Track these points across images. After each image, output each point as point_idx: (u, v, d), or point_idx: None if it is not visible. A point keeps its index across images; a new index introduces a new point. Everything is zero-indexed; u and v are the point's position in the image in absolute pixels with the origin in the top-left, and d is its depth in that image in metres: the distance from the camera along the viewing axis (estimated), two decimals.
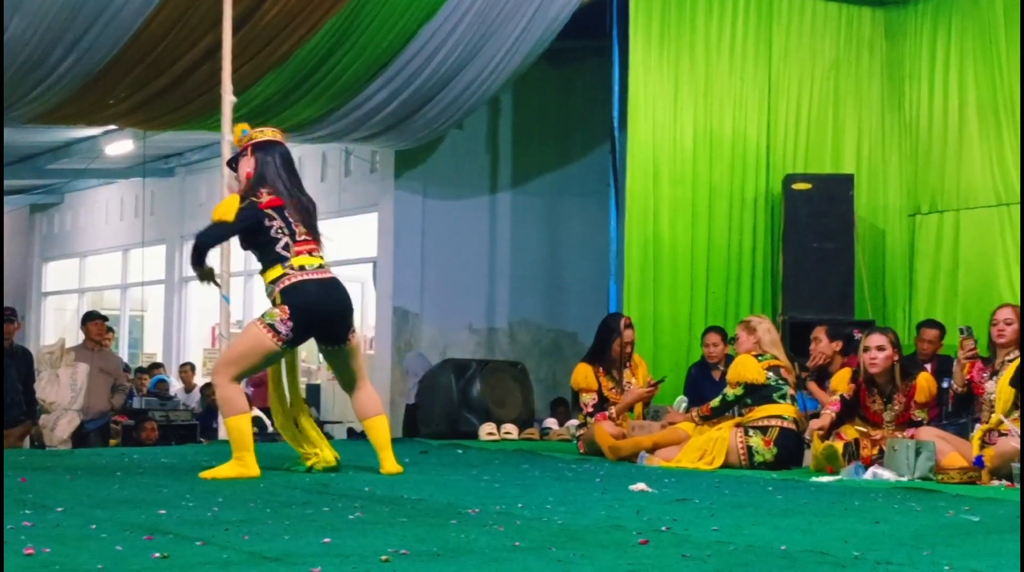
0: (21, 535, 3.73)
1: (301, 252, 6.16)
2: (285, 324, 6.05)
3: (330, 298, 6.16)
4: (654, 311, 10.17)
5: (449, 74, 10.44)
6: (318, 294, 6.11)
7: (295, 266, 6.13)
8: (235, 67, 8.88)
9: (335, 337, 6.28)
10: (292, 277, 6.11)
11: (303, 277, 6.11)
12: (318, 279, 6.14)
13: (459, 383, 9.63)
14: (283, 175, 6.33)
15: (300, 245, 6.17)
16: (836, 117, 10.96)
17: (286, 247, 6.14)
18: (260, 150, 6.36)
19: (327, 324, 6.22)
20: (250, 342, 6.15)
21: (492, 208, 12.55)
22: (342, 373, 6.44)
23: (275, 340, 6.07)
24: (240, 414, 6.08)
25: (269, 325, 6.08)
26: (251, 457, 6.03)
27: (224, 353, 6.55)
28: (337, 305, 6.19)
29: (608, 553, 3.62)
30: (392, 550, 3.54)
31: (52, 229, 19.37)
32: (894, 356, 7.13)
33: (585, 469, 6.91)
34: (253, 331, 6.17)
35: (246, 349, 6.16)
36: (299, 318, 6.06)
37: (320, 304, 6.12)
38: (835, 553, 3.67)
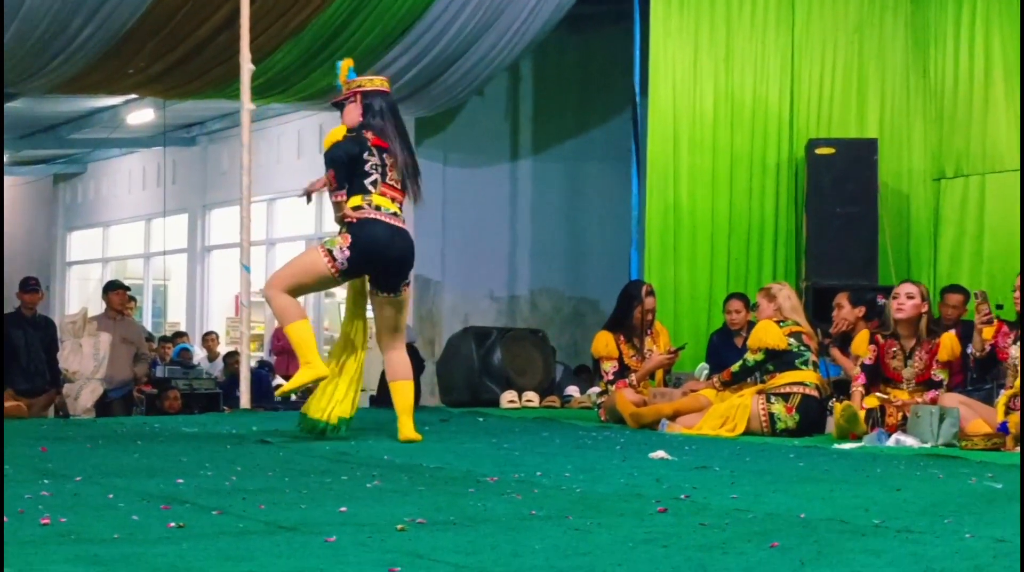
0: (39, 504, 3.74)
1: (385, 194, 6.22)
2: (343, 252, 6.11)
3: (392, 244, 6.19)
4: (675, 278, 10.12)
5: (468, 40, 10.38)
6: (382, 235, 6.16)
7: (373, 203, 6.18)
8: (253, 36, 8.85)
9: (389, 284, 6.31)
10: (365, 212, 6.16)
11: (375, 216, 6.17)
12: (388, 223, 6.19)
13: (480, 351, 9.61)
14: (389, 125, 6.39)
15: (387, 187, 6.23)
16: (860, 81, 10.84)
17: (374, 183, 6.20)
18: (368, 98, 6.39)
19: (384, 268, 6.25)
20: (307, 261, 6.25)
21: (513, 175, 12.51)
22: (385, 325, 6.42)
23: (330, 265, 6.13)
24: (298, 320, 6.15)
25: (328, 250, 6.15)
26: (317, 358, 6.11)
27: (280, 268, 6.56)
28: (397, 252, 6.23)
29: (626, 521, 3.61)
30: (408, 519, 3.53)
31: (76, 199, 19.41)
32: (922, 307, 7.13)
33: (605, 437, 6.89)
34: (312, 253, 6.27)
35: (301, 267, 6.26)
36: (358, 251, 6.12)
37: (381, 246, 6.16)
38: (855, 521, 3.65)
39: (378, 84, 6.52)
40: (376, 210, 6.19)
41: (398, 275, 6.30)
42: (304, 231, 14.55)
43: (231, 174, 13.98)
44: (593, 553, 3.08)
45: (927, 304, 7.23)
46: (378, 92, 6.46)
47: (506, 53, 10.75)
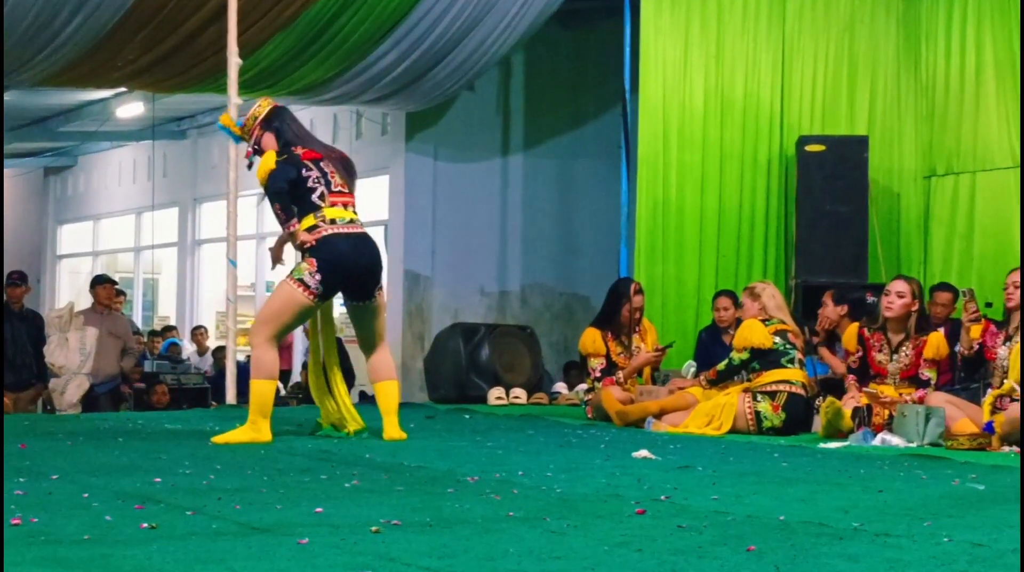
0: (12, 504, 3.70)
1: (336, 203, 6.17)
2: (314, 277, 6.05)
3: (358, 253, 6.14)
4: (663, 275, 10.09)
5: (459, 35, 10.34)
6: (346, 249, 6.10)
7: (327, 218, 6.12)
8: (241, 29, 8.82)
9: (363, 293, 6.26)
10: (322, 230, 6.10)
11: (333, 230, 6.11)
12: (347, 234, 6.14)
13: (467, 347, 9.60)
14: (304, 133, 6.41)
15: (335, 196, 6.18)
16: (851, 78, 10.81)
17: (321, 197, 6.14)
18: (268, 122, 6.33)
19: (355, 279, 6.20)
20: (282, 299, 6.16)
21: (504, 171, 12.47)
22: (364, 331, 6.40)
23: (306, 294, 6.08)
24: (266, 379, 6.07)
25: (299, 280, 6.09)
26: (266, 424, 6.03)
27: (259, 313, 6.54)
28: (365, 261, 6.18)
29: (603, 523, 3.58)
30: (384, 520, 3.50)
31: (66, 192, 19.35)
32: (912, 305, 7.16)
33: (591, 435, 6.87)
34: (284, 288, 6.17)
35: (279, 306, 6.17)
36: (326, 271, 6.06)
37: (347, 259, 6.10)
38: (834, 524, 3.62)
39: (265, 106, 6.39)
40: (331, 224, 6.12)
41: (370, 281, 6.25)
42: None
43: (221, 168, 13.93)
44: (567, 556, 3.05)
45: (918, 301, 7.23)
46: (273, 111, 6.36)
47: (497, 47, 10.70)
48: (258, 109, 6.39)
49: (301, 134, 6.41)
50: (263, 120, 6.33)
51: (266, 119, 6.33)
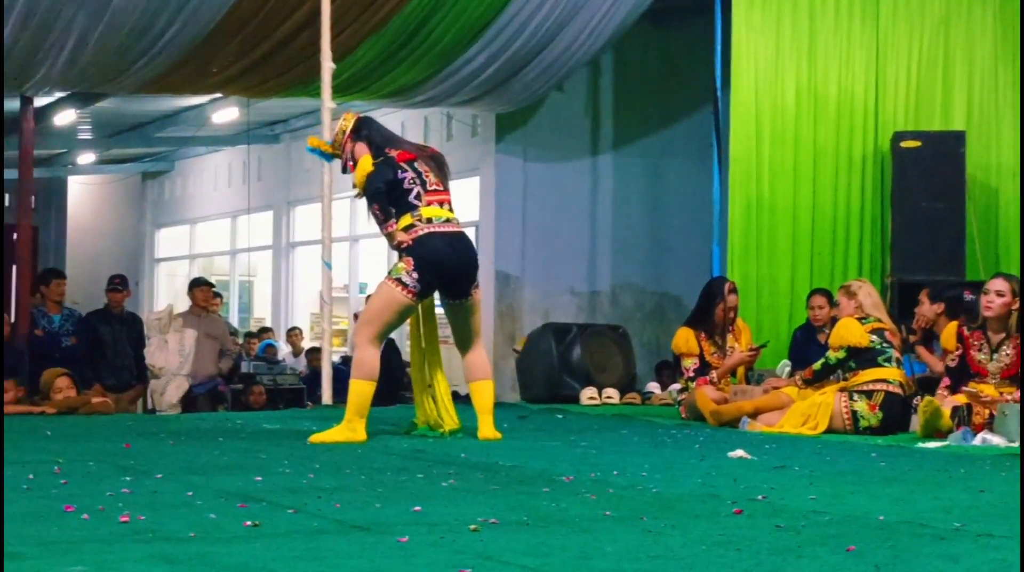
0: (119, 502, 3.79)
1: (432, 202, 6.24)
2: (411, 275, 6.13)
3: (455, 252, 6.21)
4: (757, 273, 10.02)
5: (548, 36, 10.36)
6: (442, 248, 6.17)
7: (423, 218, 6.20)
8: (334, 34, 8.92)
9: (459, 291, 6.32)
10: (419, 229, 6.17)
11: (429, 230, 6.18)
12: (443, 233, 6.21)
13: (559, 347, 9.59)
14: (393, 136, 6.56)
15: (431, 195, 6.25)
16: (946, 73, 10.65)
17: (417, 197, 6.22)
18: (356, 132, 6.43)
19: (451, 277, 6.27)
20: (383, 299, 6.25)
21: (593, 170, 12.46)
22: (460, 330, 6.46)
23: (405, 293, 6.15)
24: (366, 380, 6.14)
25: (396, 279, 6.17)
26: (361, 424, 6.10)
27: (362, 314, 6.64)
28: (461, 260, 6.25)
29: (700, 523, 3.57)
30: (481, 519, 3.53)
31: (163, 196, 19.71)
32: (1012, 304, 7.03)
33: (685, 435, 6.85)
34: (384, 289, 6.26)
35: (380, 307, 6.27)
36: (423, 270, 6.14)
37: (444, 258, 6.18)
38: (935, 524, 3.58)
39: (351, 119, 6.50)
40: (428, 223, 6.20)
41: (466, 280, 6.31)
42: None
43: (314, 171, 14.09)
44: (665, 556, 3.05)
45: (1019, 299, 7.10)
46: (359, 122, 6.47)
47: (586, 48, 10.71)
48: (344, 123, 6.50)
49: (391, 138, 6.54)
50: (351, 132, 6.44)
51: (354, 131, 6.44)
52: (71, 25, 9.11)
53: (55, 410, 8.31)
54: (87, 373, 9.76)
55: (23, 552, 2.97)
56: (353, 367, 6.29)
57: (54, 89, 10.88)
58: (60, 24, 9.07)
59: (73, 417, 8.02)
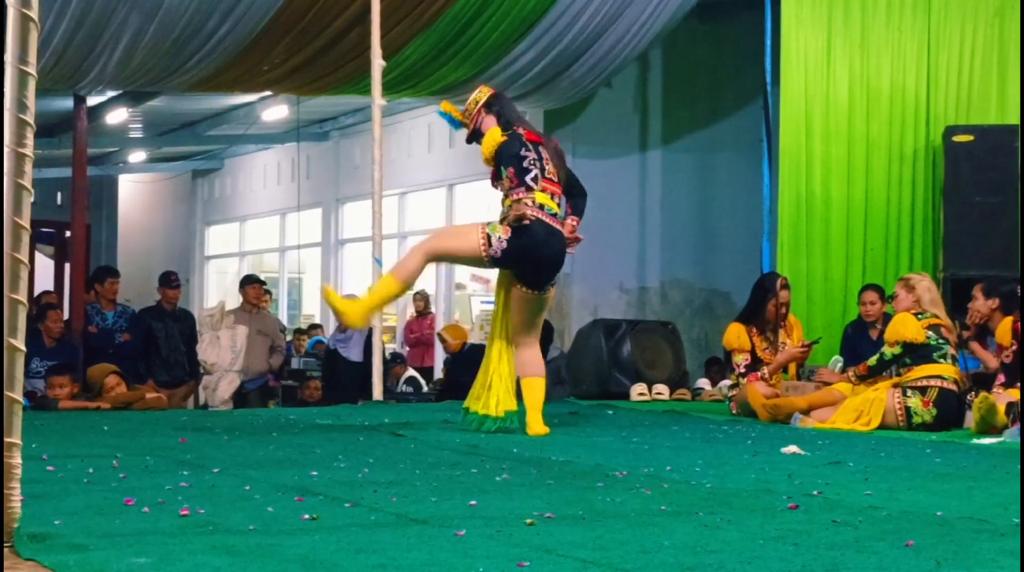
0: (179, 495, 3.84)
1: (546, 190, 6.26)
2: (500, 242, 6.15)
3: (549, 245, 6.22)
4: (808, 269, 9.97)
5: (596, 32, 10.37)
6: (540, 234, 6.18)
7: (536, 202, 6.21)
8: (384, 31, 8.96)
9: (537, 282, 6.34)
10: (530, 209, 6.18)
11: (537, 214, 6.18)
12: (546, 223, 6.21)
13: (609, 343, 9.57)
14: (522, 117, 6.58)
15: (547, 183, 6.27)
16: (1000, 66, 10.53)
17: (535, 179, 6.23)
18: (489, 106, 6.48)
19: (535, 266, 6.28)
20: (464, 234, 6.30)
21: (642, 166, 12.44)
22: (523, 321, 6.44)
23: (484, 249, 6.17)
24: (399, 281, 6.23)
25: (487, 234, 6.18)
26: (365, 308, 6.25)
27: (439, 231, 6.66)
28: (551, 252, 6.25)
29: (756, 518, 3.57)
30: (537, 513, 3.54)
31: (213, 194, 19.87)
32: None
33: (737, 431, 6.83)
34: (472, 229, 6.27)
35: (457, 236, 6.38)
36: (514, 246, 6.15)
37: (538, 246, 6.19)
38: (994, 520, 3.56)
39: (486, 92, 6.56)
40: (540, 209, 6.20)
41: (548, 274, 6.33)
42: (436, 224, 14.69)
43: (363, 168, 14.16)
44: (722, 550, 3.05)
45: None
46: (493, 96, 6.52)
47: (635, 44, 10.70)
48: (479, 94, 6.55)
49: (520, 117, 6.60)
50: (484, 105, 6.48)
51: (487, 103, 6.49)
52: (124, 25, 9.21)
53: (110, 406, 8.40)
54: (140, 369, 9.86)
55: (87, 544, 3.02)
56: (396, 264, 6.43)
57: (107, 88, 11.00)
58: (113, 24, 9.18)
59: (128, 412, 8.10)
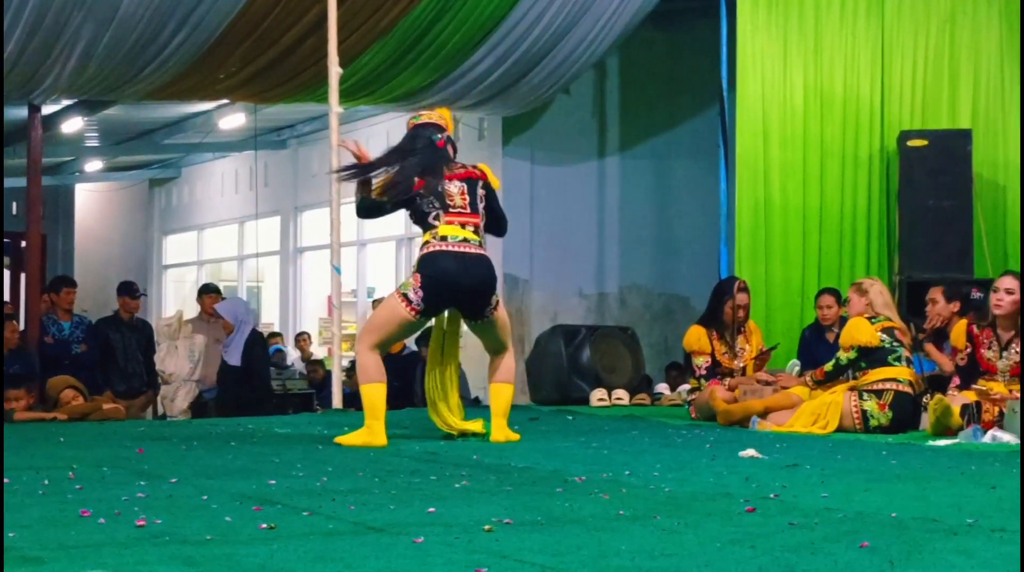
0: (135, 506, 3.81)
1: (452, 222, 6.20)
2: (417, 293, 6.12)
3: (465, 273, 6.14)
4: (766, 273, 10.04)
5: (554, 39, 10.39)
6: (452, 267, 6.12)
7: (439, 235, 6.18)
8: (341, 39, 8.96)
9: (470, 312, 6.31)
10: (432, 246, 6.17)
11: (441, 248, 6.14)
12: (455, 252, 6.15)
13: (569, 349, 9.61)
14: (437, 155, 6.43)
15: (452, 216, 6.20)
16: (952, 71, 10.66)
17: (436, 217, 6.21)
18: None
19: (460, 298, 6.23)
20: (386, 311, 6.27)
21: (601, 172, 12.48)
22: (486, 345, 6.52)
23: (408, 309, 6.14)
24: (373, 383, 6.15)
25: (403, 294, 6.16)
26: (380, 426, 6.10)
27: (366, 321, 6.65)
28: (471, 281, 6.17)
29: (713, 522, 3.59)
30: (496, 519, 3.54)
31: (170, 203, 19.75)
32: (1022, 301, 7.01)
33: (695, 435, 6.86)
34: (390, 301, 6.29)
35: (383, 318, 6.28)
36: (430, 288, 6.11)
37: (451, 278, 6.12)
38: (948, 520, 3.59)
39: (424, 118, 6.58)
40: (442, 241, 6.16)
41: (478, 301, 6.25)
42: (393, 232, 14.66)
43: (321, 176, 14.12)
44: (680, 554, 3.07)
45: None
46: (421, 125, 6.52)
47: (592, 50, 10.74)
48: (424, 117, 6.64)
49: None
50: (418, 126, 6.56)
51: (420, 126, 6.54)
52: (79, 33, 9.15)
53: (67, 417, 8.34)
54: (98, 379, 9.79)
55: (42, 556, 2.99)
56: (359, 374, 6.30)
57: (62, 97, 10.92)
58: (68, 32, 9.11)
59: (85, 423, 8.04)
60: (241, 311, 10.33)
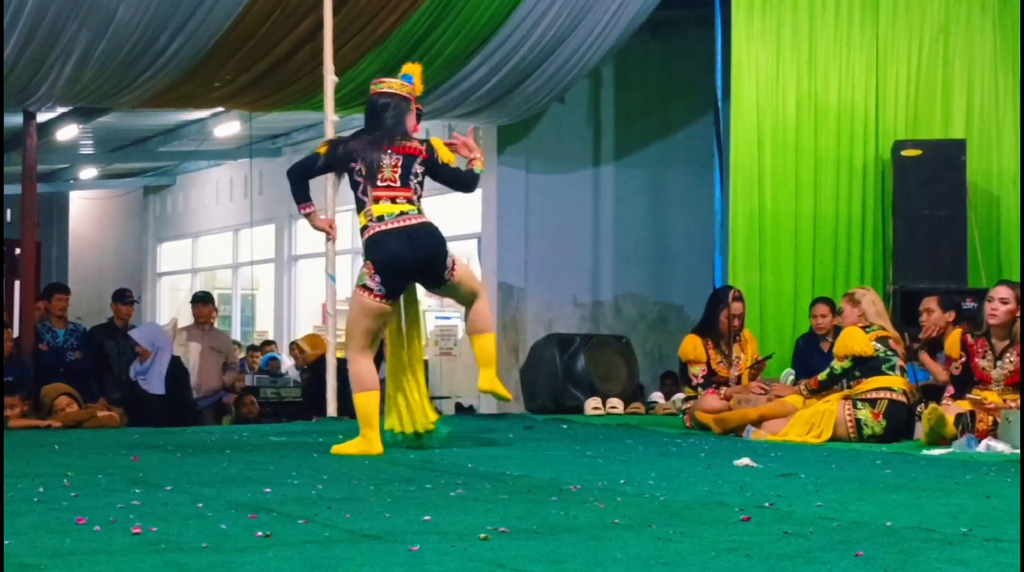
0: (130, 513, 3.82)
1: (381, 198, 6.07)
2: (374, 279, 6.04)
3: (413, 248, 6.04)
4: (760, 282, 10.04)
5: (549, 48, 10.40)
6: (397, 247, 6.02)
7: (374, 216, 6.06)
8: (336, 47, 8.96)
9: (431, 282, 6.23)
10: (371, 229, 6.07)
11: (382, 228, 6.05)
12: (398, 229, 6.04)
13: (563, 358, 9.61)
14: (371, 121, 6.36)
15: (380, 190, 6.07)
16: (946, 80, 10.68)
17: (364, 190, 6.09)
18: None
19: (414, 273, 6.16)
20: (355, 309, 6.20)
21: (595, 181, 12.49)
22: (456, 299, 6.44)
23: (373, 298, 6.06)
24: (366, 391, 6.10)
25: (362, 286, 6.09)
26: (375, 434, 6.06)
27: (346, 330, 6.60)
28: (421, 253, 6.07)
29: (709, 530, 3.60)
30: (491, 527, 3.55)
31: (165, 210, 19.74)
32: (1016, 311, 7.04)
33: (690, 444, 6.87)
34: (354, 298, 6.22)
35: (355, 317, 6.20)
36: (385, 272, 6.03)
37: (401, 256, 6.03)
38: (943, 530, 3.60)
39: (385, 86, 6.58)
40: (380, 222, 6.06)
41: (433, 270, 6.13)
42: None
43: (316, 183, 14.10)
44: (675, 563, 3.08)
45: (1021, 306, 7.12)
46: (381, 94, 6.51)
47: (587, 59, 10.75)
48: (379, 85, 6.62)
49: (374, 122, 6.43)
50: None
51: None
52: (74, 41, 9.15)
53: (61, 424, 8.33)
54: (92, 387, 9.78)
55: (37, 564, 2.99)
56: (351, 383, 6.24)
57: (57, 104, 10.91)
58: (63, 40, 9.11)
59: (80, 431, 8.04)
60: (157, 337, 10.22)
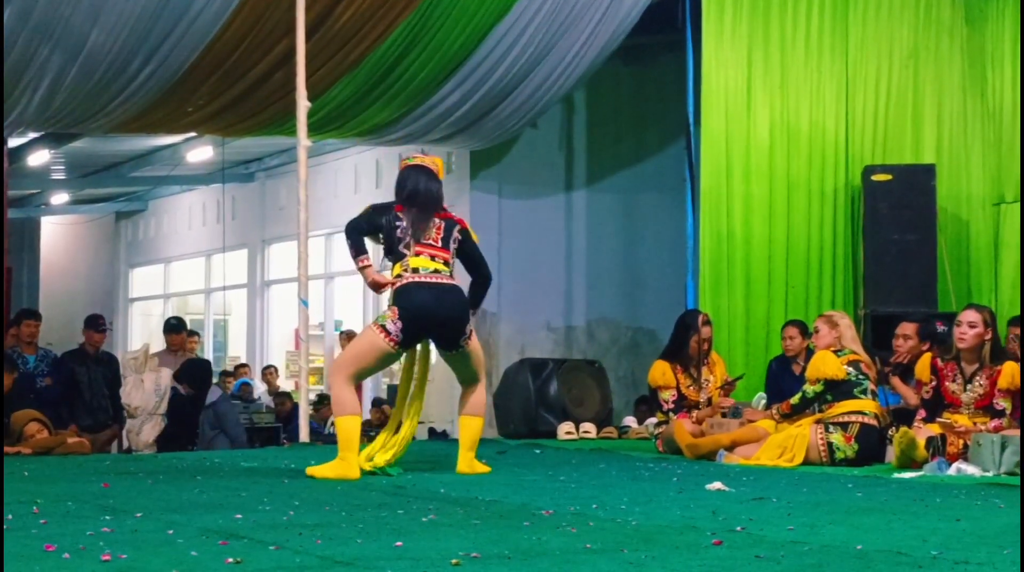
0: (100, 541, 3.79)
1: (421, 253, 6.29)
2: (395, 324, 6.21)
3: (440, 305, 6.25)
4: (730, 307, 10.08)
5: (522, 73, 10.45)
6: (426, 299, 6.23)
7: (411, 267, 6.26)
8: (309, 73, 8.98)
9: (446, 342, 6.38)
10: (405, 278, 6.26)
11: (415, 280, 6.24)
12: (429, 283, 6.26)
13: (536, 382, 9.61)
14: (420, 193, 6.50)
15: (422, 247, 6.30)
16: (916, 106, 10.78)
17: (407, 246, 6.31)
18: None
19: (436, 329, 6.33)
20: (365, 343, 6.33)
21: (568, 206, 12.53)
22: (459, 376, 6.59)
23: (387, 341, 6.22)
24: (348, 415, 6.23)
25: (381, 326, 6.25)
26: (354, 457, 6.16)
27: (342, 353, 6.69)
28: (446, 312, 6.27)
29: (680, 555, 3.60)
30: (463, 553, 3.54)
31: (137, 236, 19.68)
32: (985, 334, 7.10)
33: (662, 468, 6.88)
34: (368, 332, 6.37)
35: (361, 350, 6.34)
36: (408, 320, 6.21)
37: (427, 309, 6.23)
38: (913, 553, 3.61)
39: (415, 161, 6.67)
40: (415, 273, 6.27)
41: (452, 332, 6.34)
42: None
43: (289, 209, 14.12)
44: None
45: (991, 330, 7.16)
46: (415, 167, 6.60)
47: (559, 85, 10.79)
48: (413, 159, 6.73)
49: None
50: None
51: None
52: (46, 66, 9.13)
53: (31, 451, 8.27)
54: (63, 413, 9.71)
55: None
56: (334, 406, 6.40)
57: (28, 129, 10.90)
58: (35, 65, 9.09)
59: (50, 457, 7.98)
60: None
